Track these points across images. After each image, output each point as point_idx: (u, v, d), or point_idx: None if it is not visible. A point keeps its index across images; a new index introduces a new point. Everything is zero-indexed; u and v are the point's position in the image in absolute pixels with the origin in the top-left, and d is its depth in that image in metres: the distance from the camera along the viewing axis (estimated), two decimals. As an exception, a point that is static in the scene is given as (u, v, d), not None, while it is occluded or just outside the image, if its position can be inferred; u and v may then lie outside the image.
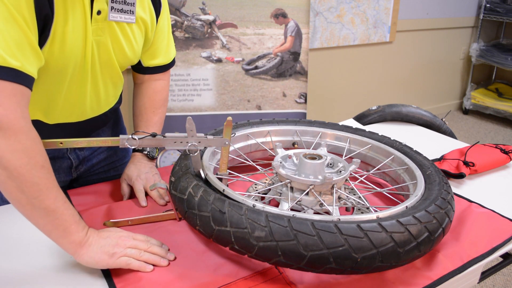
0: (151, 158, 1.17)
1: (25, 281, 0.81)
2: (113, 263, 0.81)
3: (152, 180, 1.09)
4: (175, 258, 0.87)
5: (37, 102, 0.97)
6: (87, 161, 1.22)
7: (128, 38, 1.02)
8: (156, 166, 1.39)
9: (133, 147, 0.91)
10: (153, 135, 0.90)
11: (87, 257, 0.81)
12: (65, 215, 0.79)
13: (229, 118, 0.94)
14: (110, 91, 1.10)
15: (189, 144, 0.92)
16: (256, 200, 0.96)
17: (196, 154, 0.93)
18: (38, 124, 0.87)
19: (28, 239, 0.92)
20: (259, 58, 2.33)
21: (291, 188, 0.97)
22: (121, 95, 1.22)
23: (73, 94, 1.01)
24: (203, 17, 2.22)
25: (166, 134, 0.91)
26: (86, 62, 0.97)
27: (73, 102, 1.02)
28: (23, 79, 0.78)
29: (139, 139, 0.89)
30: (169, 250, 0.89)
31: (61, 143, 0.85)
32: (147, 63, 1.17)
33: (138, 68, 1.19)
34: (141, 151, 1.17)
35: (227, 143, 0.95)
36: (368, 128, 1.58)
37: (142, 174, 1.10)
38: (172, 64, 1.23)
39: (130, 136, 0.88)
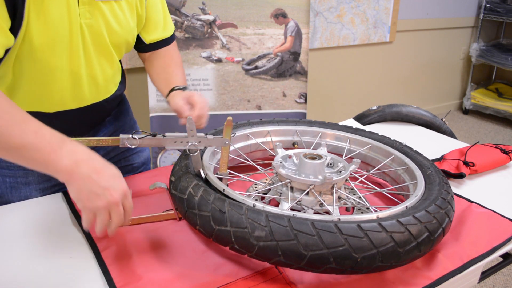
0: None
1: (25, 281, 0.81)
2: (83, 210, 0.78)
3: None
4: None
5: (32, 89, 0.97)
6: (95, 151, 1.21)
7: (116, 16, 1.02)
8: (156, 166, 1.39)
9: (134, 145, 0.90)
10: (153, 135, 0.90)
11: (71, 191, 0.77)
12: (39, 147, 0.74)
13: (229, 118, 0.95)
14: (108, 74, 1.08)
15: (189, 144, 0.92)
16: (256, 200, 0.96)
17: (196, 153, 0.93)
18: (38, 116, 0.84)
19: (27, 240, 0.92)
20: (259, 58, 2.33)
21: (291, 188, 0.97)
22: (123, 82, 1.21)
23: (68, 78, 1.00)
24: (203, 17, 2.22)
25: (166, 134, 0.91)
26: (76, 45, 0.96)
27: (69, 86, 1.01)
28: None
29: (139, 138, 0.89)
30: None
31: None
32: (148, 38, 1.17)
33: (143, 48, 1.20)
34: (176, 89, 1.13)
35: (227, 142, 0.95)
36: (368, 128, 1.58)
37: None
38: (173, 37, 1.23)
39: (131, 135, 0.89)
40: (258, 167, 1.13)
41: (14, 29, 0.87)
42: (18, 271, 0.83)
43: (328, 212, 0.94)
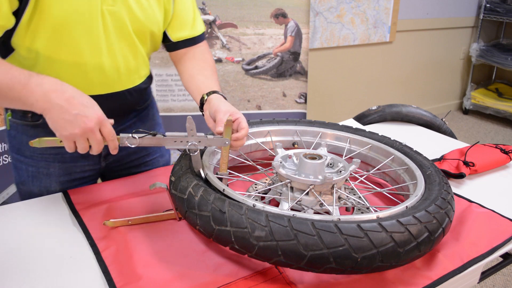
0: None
1: (24, 281, 0.81)
2: (62, 139, 0.84)
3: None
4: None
5: (52, 71, 0.98)
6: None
7: (141, 4, 1.03)
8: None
9: (134, 144, 0.90)
10: (153, 134, 0.90)
11: (48, 123, 0.83)
12: (10, 85, 0.82)
13: (229, 118, 0.95)
14: (131, 64, 1.08)
15: (189, 144, 0.92)
16: (256, 200, 0.96)
17: (196, 153, 0.93)
18: None
19: (27, 240, 0.92)
20: (259, 58, 2.33)
21: (291, 188, 0.97)
22: (150, 78, 1.20)
23: (89, 64, 1.01)
24: (203, 17, 2.22)
25: (167, 133, 0.91)
26: (96, 31, 0.97)
27: (90, 71, 1.02)
28: None
29: (139, 137, 0.89)
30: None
31: (61, 141, 0.86)
32: (174, 36, 1.16)
33: (170, 46, 1.19)
34: (216, 92, 1.07)
35: (227, 143, 0.95)
36: (368, 128, 1.58)
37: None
38: (201, 37, 1.20)
39: (131, 135, 0.89)
40: (258, 167, 1.13)
41: (19, 10, 0.90)
42: (18, 271, 0.83)
43: (328, 212, 0.94)
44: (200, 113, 1.08)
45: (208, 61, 1.19)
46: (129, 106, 1.17)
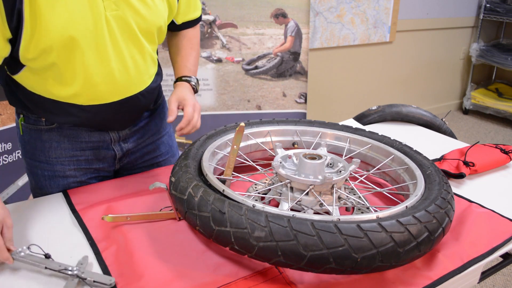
0: (195, 92, 1.23)
1: (25, 281, 0.81)
2: None
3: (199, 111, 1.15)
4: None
5: (64, 83, 0.98)
6: (131, 154, 1.23)
7: (145, 2, 1.02)
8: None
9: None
10: (46, 256, 0.83)
11: None
12: None
13: (242, 124, 0.95)
14: (140, 65, 1.07)
15: None
16: (256, 200, 0.96)
17: None
18: (75, 109, 0.99)
19: (28, 239, 0.92)
20: (259, 58, 2.33)
21: (291, 188, 0.97)
22: (159, 73, 1.20)
23: (97, 72, 0.99)
24: (203, 17, 2.22)
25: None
26: (102, 38, 0.96)
27: (100, 80, 1.00)
28: None
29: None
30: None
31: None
32: (180, 20, 1.22)
33: (173, 28, 1.24)
34: (188, 82, 1.20)
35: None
36: (368, 128, 1.58)
37: (196, 103, 1.15)
38: (200, 19, 1.30)
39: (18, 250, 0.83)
40: (258, 167, 1.13)
41: (17, 37, 0.89)
42: (18, 271, 0.83)
43: (328, 212, 0.94)
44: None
45: (189, 37, 1.27)
46: (142, 108, 1.18)
